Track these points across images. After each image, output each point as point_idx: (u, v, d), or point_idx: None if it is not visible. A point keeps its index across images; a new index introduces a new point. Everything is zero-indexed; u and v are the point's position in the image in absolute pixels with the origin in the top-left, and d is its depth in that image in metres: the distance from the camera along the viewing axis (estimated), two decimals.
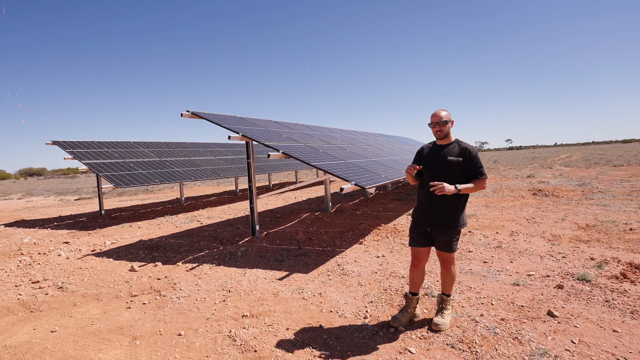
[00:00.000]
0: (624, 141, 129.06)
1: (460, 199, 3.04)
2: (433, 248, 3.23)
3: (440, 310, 3.18)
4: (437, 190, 2.87)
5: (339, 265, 4.97)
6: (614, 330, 2.96)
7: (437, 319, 3.11)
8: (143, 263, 5.58)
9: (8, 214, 12.74)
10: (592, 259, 4.68)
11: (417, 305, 3.31)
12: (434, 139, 3.18)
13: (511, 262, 4.76)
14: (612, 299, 3.50)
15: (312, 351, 2.89)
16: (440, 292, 3.27)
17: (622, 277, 3.99)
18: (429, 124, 3.10)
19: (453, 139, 3.12)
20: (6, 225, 10.20)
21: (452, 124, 3.12)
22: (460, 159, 2.99)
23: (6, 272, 5.43)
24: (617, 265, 4.39)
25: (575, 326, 3.05)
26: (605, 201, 8.76)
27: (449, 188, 2.86)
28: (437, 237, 3.09)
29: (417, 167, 3.10)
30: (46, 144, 10.96)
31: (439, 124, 3.04)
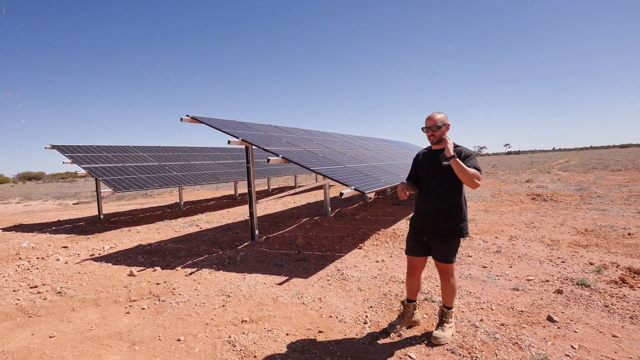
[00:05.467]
0: (622, 146, 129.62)
1: (460, 206, 2.93)
2: (430, 257, 3.16)
3: (441, 323, 3.07)
4: (445, 145, 2.80)
5: (338, 270, 4.96)
6: (613, 335, 2.96)
7: (437, 333, 2.99)
8: (142, 268, 5.56)
9: (6, 218, 12.70)
10: (591, 263, 4.69)
11: (416, 311, 3.27)
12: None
13: (510, 267, 4.76)
14: (612, 304, 3.50)
15: (311, 356, 2.89)
16: (441, 305, 3.15)
17: (621, 282, 3.99)
18: (422, 128, 3.00)
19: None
20: (4, 229, 10.16)
21: (448, 128, 2.98)
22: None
23: (4, 276, 5.41)
24: (616, 270, 4.40)
25: (575, 331, 3.05)
26: (604, 206, 8.78)
27: (450, 148, 2.77)
28: (435, 247, 2.99)
29: (411, 191, 2.99)
30: (45, 148, 10.95)
31: (431, 129, 2.94)
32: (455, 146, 2.96)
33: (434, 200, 2.94)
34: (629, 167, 21.46)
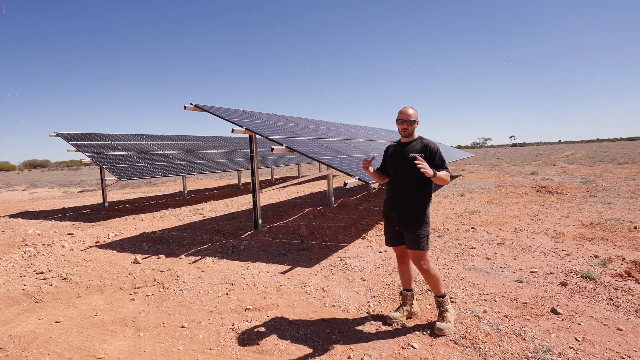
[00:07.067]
0: (629, 139, 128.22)
1: (425, 195, 3.08)
2: None
3: (440, 313, 3.09)
4: (421, 168, 2.82)
5: (341, 259, 4.97)
6: (618, 329, 2.95)
7: (440, 324, 3.01)
8: (146, 255, 5.60)
9: (12, 205, 12.81)
10: (596, 256, 4.66)
11: (414, 302, 3.29)
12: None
13: (514, 258, 4.74)
14: (617, 297, 3.48)
15: (314, 345, 2.90)
16: (434, 296, 3.17)
17: (626, 275, 3.97)
18: (396, 120, 3.14)
19: (416, 136, 3.20)
20: (11, 216, 10.26)
21: (417, 123, 3.17)
22: (422, 155, 3.04)
23: (11, 262, 5.47)
24: (622, 264, 4.37)
25: (579, 324, 3.04)
26: (610, 199, 8.70)
27: (429, 171, 2.85)
28: (405, 235, 3.11)
29: (379, 180, 3.40)
30: (50, 135, 11.00)
31: (407, 122, 3.09)
32: (422, 139, 3.16)
33: (402, 191, 3.10)
34: (636, 160, 21.25)
